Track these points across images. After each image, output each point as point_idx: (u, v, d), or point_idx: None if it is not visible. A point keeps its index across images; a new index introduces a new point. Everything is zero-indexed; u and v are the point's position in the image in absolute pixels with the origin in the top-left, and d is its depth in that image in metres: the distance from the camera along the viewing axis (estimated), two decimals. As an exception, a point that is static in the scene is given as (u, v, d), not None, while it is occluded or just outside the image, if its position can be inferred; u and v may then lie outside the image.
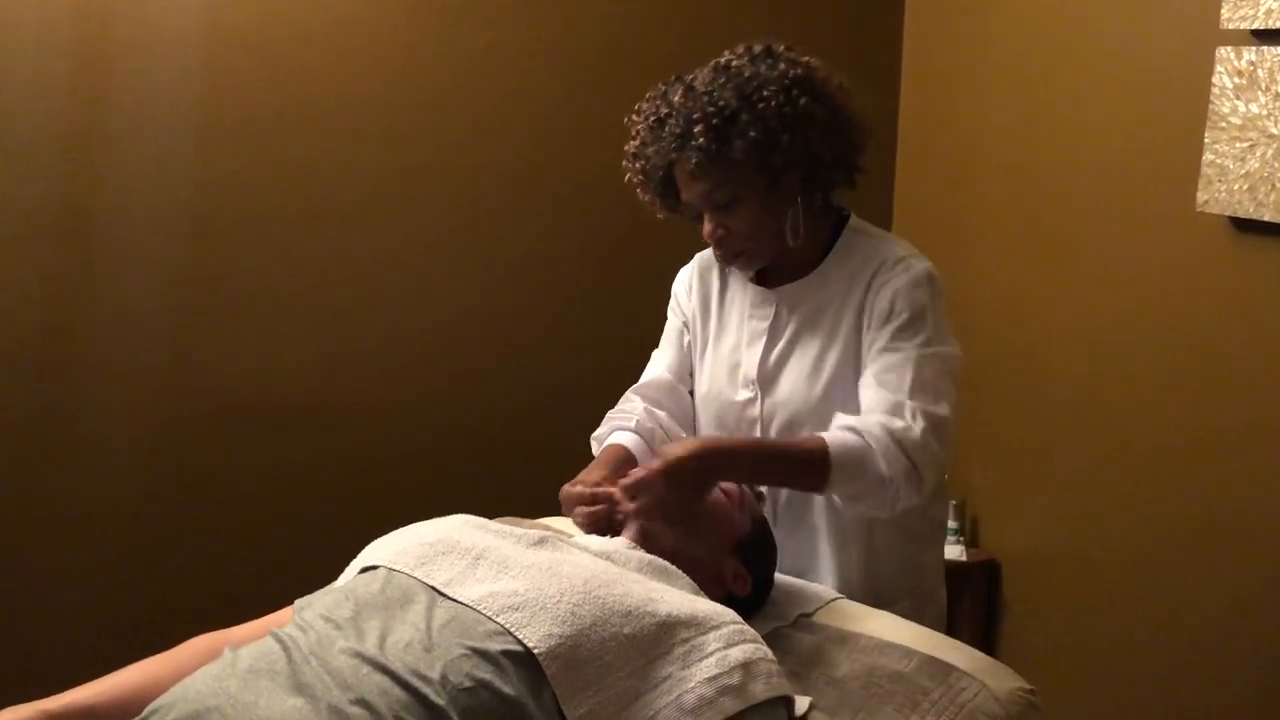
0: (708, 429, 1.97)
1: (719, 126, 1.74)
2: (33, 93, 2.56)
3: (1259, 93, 2.18)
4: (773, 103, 1.74)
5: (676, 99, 1.79)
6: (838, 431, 1.69)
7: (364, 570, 1.53)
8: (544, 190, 3.00)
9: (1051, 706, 1.74)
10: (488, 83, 2.92)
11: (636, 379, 2.10)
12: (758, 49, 1.83)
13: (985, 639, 2.99)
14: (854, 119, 1.84)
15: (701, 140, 1.74)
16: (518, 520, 1.99)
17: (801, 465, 1.67)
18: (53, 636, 2.72)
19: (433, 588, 1.42)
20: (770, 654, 1.45)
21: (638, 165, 1.88)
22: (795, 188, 1.81)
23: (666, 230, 2.40)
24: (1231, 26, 2.22)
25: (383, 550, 1.55)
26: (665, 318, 2.10)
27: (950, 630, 2.04)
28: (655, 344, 2.11)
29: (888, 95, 3.29)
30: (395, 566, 1.47)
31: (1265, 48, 2.17)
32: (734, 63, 1.80)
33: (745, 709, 1.37)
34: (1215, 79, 2.26)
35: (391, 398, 2.96)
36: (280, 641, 1.35)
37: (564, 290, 3.07)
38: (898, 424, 1.68)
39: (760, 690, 1.39)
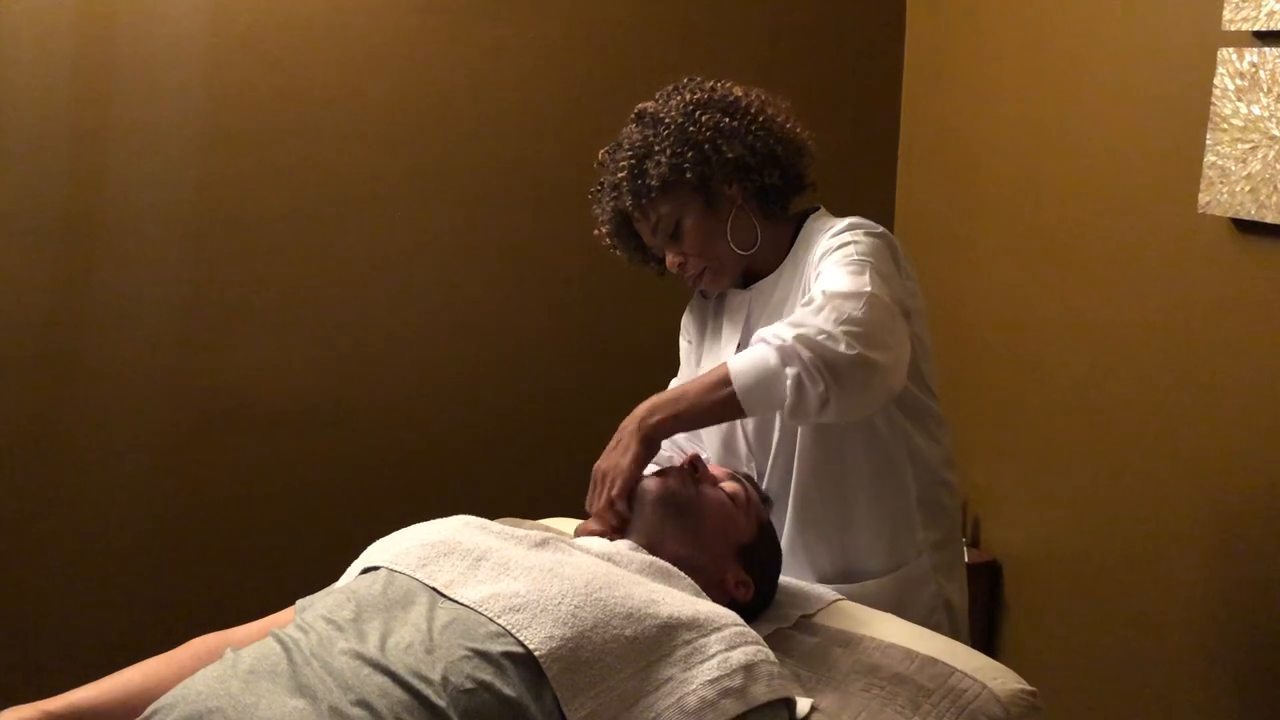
0: (706, 434, 2.00)
1: (635, 164, 1.88)
2: (37, 94, 2.57)
3: (1261, 94, 2.18)
4: (673, 126, 1.87)
5: (606, 159, 1.96)
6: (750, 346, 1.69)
7: (365, 571, 1.53)
8: (549, 191, 3.00)
9: (1053, 708, 1.75)
10: (491, 83, 2.92)
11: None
12: (668, 89, 1.96)
13: (986, 640, 2.99)
14: (772, 124, 1.92)
15: (626, 184, 1.89)
16: (518, 521, 1.99)
17: (712, 391, 1.65)
18: (55, 636, 2.72)
19: (434, 589, 1.42)
20: (772, 656, 1.45)
21: (605, 230, 2.01)
22: (734, 199, 1.90)
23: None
24: (1233, 28, 2.22)
25: (384, 551, 1.55)
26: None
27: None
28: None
29: (889, 97, 3.30)
30: (396, 567, 1.47)
31: (1267, 49, 2.17)
32: (646, 108, 1.94)
33: (747, 711, 1.36)
34: (1217, 80, 2.26)
35: (393, 399, 2.96)
36: (281, 642, 1.35)
37: (567, 291, 3.07)
38: (799, 315, 1.65)
39: (762, 692, 1.39)
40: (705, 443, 2.03)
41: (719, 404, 1.66)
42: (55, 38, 2.56)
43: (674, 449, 2.05)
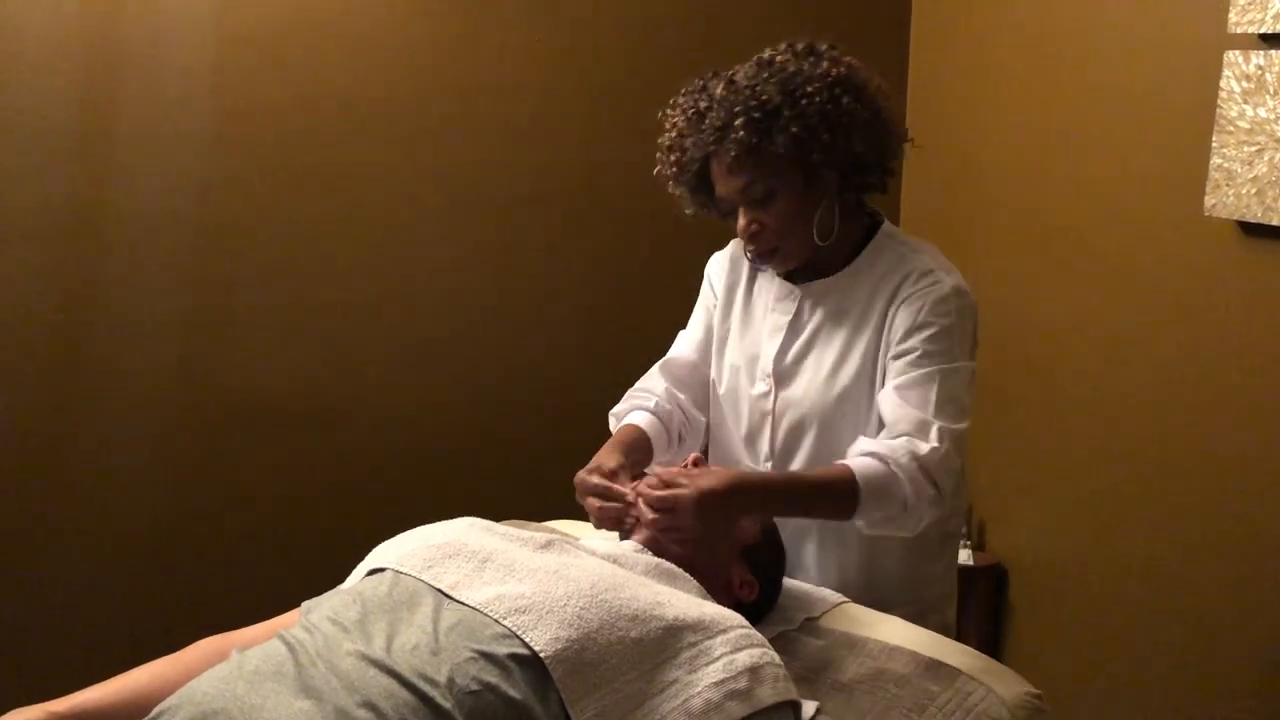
0: (729, 420, 1.97)
1: (760, 120, 1.74)
2: (42, 96, 2.57)
3: (1267, 96, 2.18)
4: (816, 99, 1.75)
5: (719, 92, 1.78)
6: (864, 460, 1.69)
7: (371, 573, 1.54)
8: (554, 194, 3.00)
9: (1058, 711, 1.74)
10: (498, 86, 2.92)
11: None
12: (800, 46, 1.83)
13: (991, 643, 2.99)
14: (892, 122, 1.84)
15: (742, 133, 1.74)
16: (524, 523, 1.99)
17: (832, 499, 1.68)
18: (60, 638, 2.72)
19: (439, 590, 1.42)
20: (777, 658, 1.45)
21: (673, 158, 1.86)
22: (830, 187, 1.81)
23: (679, 235, 2.40)
24: (1239, 30, 2.22)
25: (390, 553, 1.55)
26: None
27: (957, 634, 2.03)
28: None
29: (894, 100, 3.29)
30: (402, 569, 1.47)
31: (1273, 52, 2.17)
32: (778, 58, 1.80)
33: (752, 713, 1.37)
34: (1223, 83, 2.26)
35: (399, 401, 2.96)
36: (287, 644, 1.35)
37: (573, 294, 3.07)
38: (923, 448, 1.69)
39: (767, 695, 1.39)
40: (725, 447, 2.01)
41: (828, 511, 1.73)
42: (62, 41, 2.56)
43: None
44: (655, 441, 1.91)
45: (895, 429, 1.72)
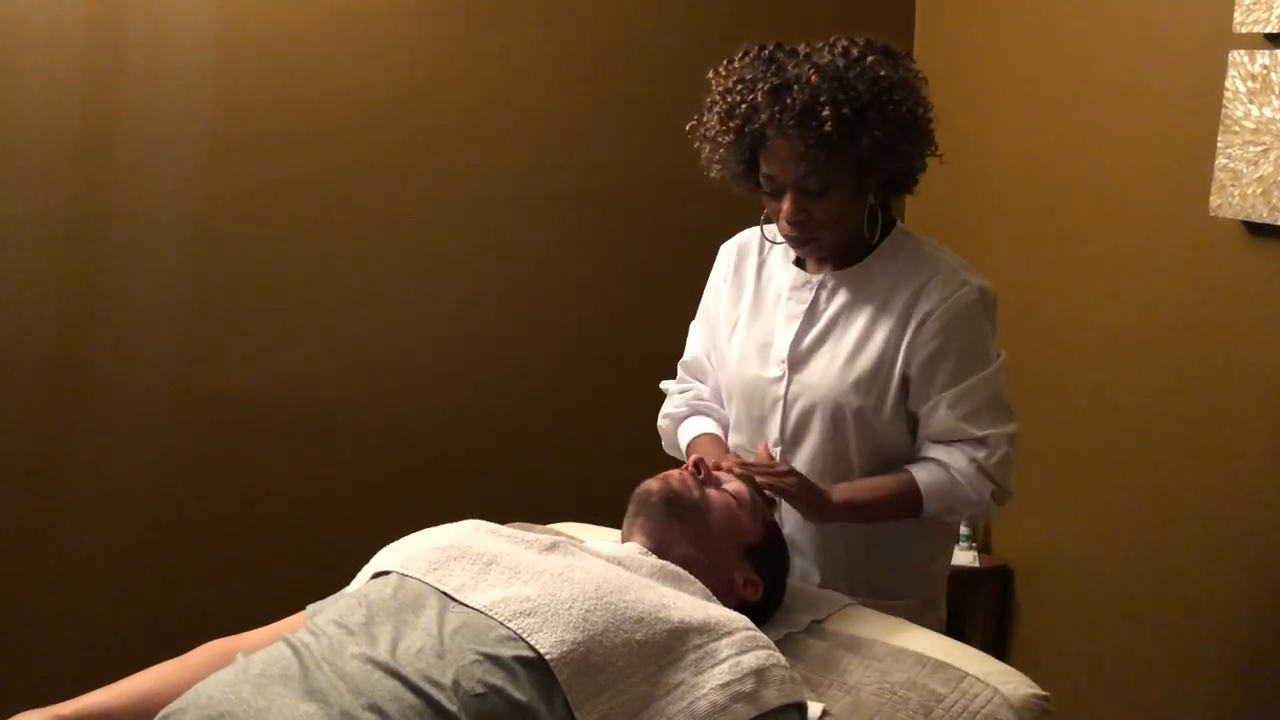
0: (736, 406, 1.98)
1: (848, 117, 1.73)
2: (45, 101, 2.57)
3: (1272, 96, 2.18)
4: (902, 109, 1.78)
5: (810, 78, 1.75)
6: (928, 468, 1.84)
7: (376, 575, 1.54)
8: (557, 198, 3.00)
9: (1064, 712, 1.74)
10: (500, 90, 2.92)
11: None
12: (879, 44, 1.84)
13: (998, 645, 2.99)
14: (933, 136, 1.89)
15: (828, 126, 1.72)
16: (529, 526, 1.99)
17: (900, 509, 1.84)
18: (65, 641, 2.72)
19: (444, 593, 1.42)
20: (783, 660, 1.45)
21: (733, 124, 1.81)
22: (874, 187, 1.85)
23: (685, 237, 2.40)
24: (1244, 30, 2.22)
25: (395, 555, 1.55)
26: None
27: (962, 636, 2.04)
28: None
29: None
30: (407, 572, 1.47)
31: (1278, 51, 2.17)
32: (869, 57, 1.79)
33: (758, 715, 1.37)
34: (1228, 83, 2.25)
35: (403, 405, 2.96)
36: (292, 647, 1.35)
37: (576, 299, 3.07)
38: (981, 454, 1.83)
39: (773, 696, 1.39)
40: (732, 434, 2.01)
41: (896, 517, 1.86)
42: (64, 45, 2.56)
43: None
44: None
45: (951, 434, 1.85)
